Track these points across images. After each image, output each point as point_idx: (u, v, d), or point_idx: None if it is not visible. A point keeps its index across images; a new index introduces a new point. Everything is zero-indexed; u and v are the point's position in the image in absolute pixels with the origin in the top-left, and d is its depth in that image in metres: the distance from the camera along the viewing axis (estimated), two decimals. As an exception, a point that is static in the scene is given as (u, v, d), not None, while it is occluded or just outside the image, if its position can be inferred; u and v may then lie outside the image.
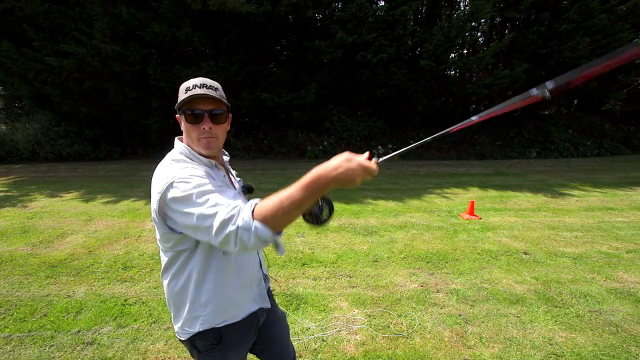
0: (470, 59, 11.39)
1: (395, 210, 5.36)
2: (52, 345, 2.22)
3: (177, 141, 1.12)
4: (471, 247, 3.88)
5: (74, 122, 10.73)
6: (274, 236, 0.86)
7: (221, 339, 1.10)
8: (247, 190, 1.24)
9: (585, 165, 10.14)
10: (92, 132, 10.77)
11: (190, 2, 8.43)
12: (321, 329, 2.40)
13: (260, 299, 1.22)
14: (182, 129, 1.09)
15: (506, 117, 13.02)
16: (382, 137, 11.67)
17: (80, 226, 4.54)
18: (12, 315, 2.54)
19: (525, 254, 3.71)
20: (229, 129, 1.17)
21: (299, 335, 2.33)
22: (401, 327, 2.43)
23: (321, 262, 3.45)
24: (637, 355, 2.15)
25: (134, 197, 6.06)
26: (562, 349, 2.21)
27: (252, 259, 1.19)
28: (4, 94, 12.99)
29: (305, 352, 2.17)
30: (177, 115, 1.08)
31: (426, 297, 2.82)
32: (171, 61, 9.85)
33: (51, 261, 3.45)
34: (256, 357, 1.37)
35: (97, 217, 4.93)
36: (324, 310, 2.64)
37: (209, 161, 1.08)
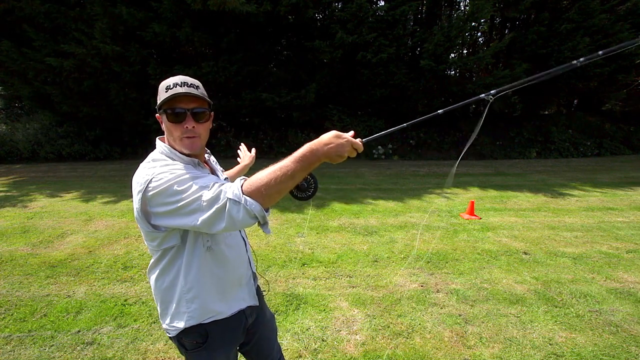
0: (470, 59, 11.41)
1: (395, 210, 5.36)
2: (52, 345, 2.22)
3: (158, 141, 1.12)
4: (471, 247, 3.88)
5: (74, 122, 10.74)
6: (263, 211, 0.84)
7: (207, 337, 1.09)
8: None
9: (585, 165, 10.14)
10: (92, 132, 10.77)
11: (190, 2, 8.43)
12: (321, 329, 2.40)
13: (249, 297, 1.21)
14: (164, 128, 1.06)
15: (506, 117, 13.03)
16: (382, 137, 11.67)
17: (80, 226, 4.54)
18: (12, 315, 2.54)
19: (525, 254, 3.71)
20: (211, 127, 1.15)
21: (299, 335, 2.33)
22: (401, 327, 2.43)
23: (321, 262, 3.45)
24: (637, 355, 2.15)
25: (134, 197, 6.05)
26: (562, 349, 2.21)
27: (240, 256, 1.17)
28: (4, 94, 12.99)
29: (305, 352, 2.18)
30: (158, 114, 1.06)
31: (426, 297, 2.82)
32: (171, 61, 9.86)
33: (51, 261, 3.45)
34: (243, 356, 1.36)
35: (97, 217, 4.93)
36: (324, 310, 2.64)
37: (191, 160, 1.06)
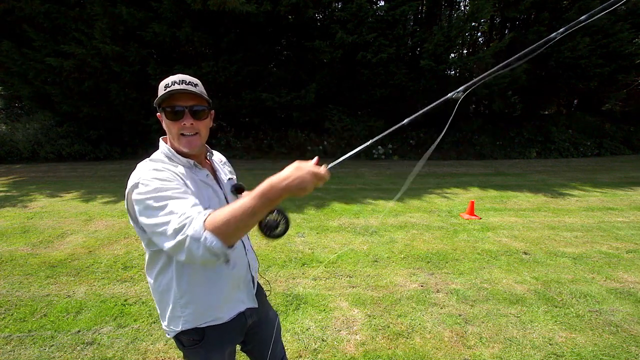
0: (470, 59, 11.41)
1: (395, 210, 5.36)
2: (52, 345, 2.22)
3: (161, 141, 1.12)
4: (471, 247, 3.88)
5: (74, 122, 10.74)
6: (224, 248, 0.80)
7: (204, 337, 1.10)
8: (237, 189, 1.19)
9: (585, 165, 10.14)
10: (92, 132, 10.77)
11: (190, 2, 8.43)
12: (321, 329, 2.40)
13: (248, 299, 1.20)
14: (164, 127, 1.06)
15: (506, 117, 13.03)
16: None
17: (80, 226, 4.54)
18: (12, 315, 2.54)
19: (525, 254, 3.71)
20: (211, 125, 1.15)
21: (299, 335, 2.33)
22: (401, 327, 2.43)
23: (321, 262, 3.45)
24: (637, 355, 2.15)
25: (134, 197, 6.05)
26: (562, 349, 2.21)
27: (240, 260, 1.16)
28: (4, 94, 12.99)
29: (305, 352, 2.17)
30: (158, 113, 1.06)
31: (426, 297, 2.82)
32: (171, 61, 9.86)
33: (51, 261, 3.45)
34: (246, 355, 1.37)
35: (97, 217, 4.93)
36: (324, 310, 2.64)
37: (187, 161, 1.06)
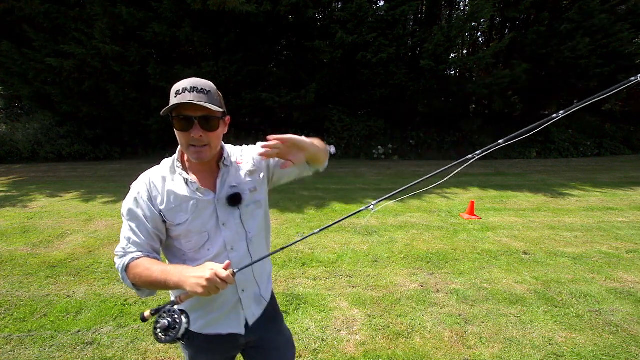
0: (470, 59, 11.40)
1: (395, 210, 5.36)
2: (52, 345, 2.22)
3: (179, 148, 1.10)
4: (471, 247, 3.88)
5: (74, 122, 10.73)
6: (135, 288, 1.01)
7: (192, 339, 1.07)
8: (230, 200, 1.08)
9: (585, 165, 10.14)
10: (92, 132, 10.76)
11: (190, 2, 8.43)
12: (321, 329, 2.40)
13: (233, 324, 1.13)
14: (176, 134, 1.02)
15: (506, 117, 13.02)
16: (382, 137, 11.67)
17: (80, 226, 4.54)
18: (12, 315, 2.54)
19: (525, 254, 3.71)
20: (226, 131, 1.10)
21: (299, 335, 2.33)
22: (401, 327, 2.43)
23: (321, 262, 3.45)
24: (637, 355, 2.15)
25: (134, 197, 6.05)
26: (562, 349, 2.21)
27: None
28: (4, 94, 12.98)
29: (305, 352, 2.18)
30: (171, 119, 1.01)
31: (426, 297, 2.82)
32: (171, 61, 9.85)
33: (51, 261, 3.45)
34: None
35: (97, 217, 4.93)
36: (324, 310, 2.64)
37: (185, 178, 1.05)
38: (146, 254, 1.01)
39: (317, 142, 1.15)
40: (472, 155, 0.99)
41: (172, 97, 0.98)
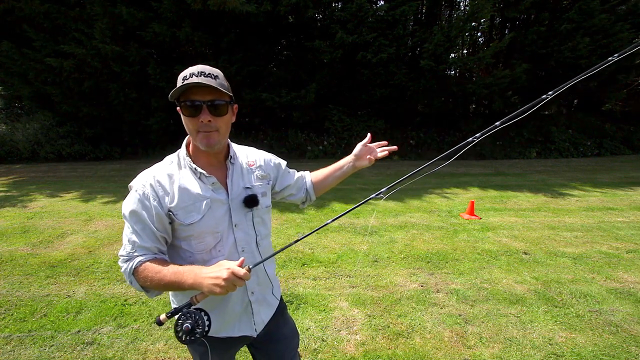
0: (470, 59, 11.40)
1: (395, 210, 5.36)
2: (52, 345, 2.22)
3: (184, 141, 1.08)
4: (471, 247, 3.88)
5: (74, 122, 10.73)
6: (143, 290, 0.98)
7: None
8: (247, 202, 1.08)
9: (585, 165, 10.13)
10: (92, 132, 10.77)
11: (190, 2, 8.42)
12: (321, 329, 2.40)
13: (245, 327, 1.14)
14: (183, 122, 1.00)
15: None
16: (382, 137, 11.60)
17: (80, 226, 4.54)
18: (12, 315, 2.54)
19: (525, 254, 3.71)
20: (234, 120, 1.07)
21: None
22: (401, 327, 2.42)
23: (321, 262, 3.45)
24: (637, 355, 2.15)
25: (134, 197, 6.05)
26: (562, 349, 2.21)
27: (235, 293, 1.06)
28: (4, 94, 12.96)
29: (305, 352, 2.17)
30: (178, 107, 0.99)
31: (426, 297, 2.82)
32: (171, 61, 9.85)
33: (51, 261, 3.45)
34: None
35: (97, 217, 4.93)
36: (324, 310, 2.64)
37: (195, 169, 1.02)
38: (153, 256, 0.98)
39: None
40: (472, 138, 1.01)
41: (179, 83, 0.95)
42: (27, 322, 2.45)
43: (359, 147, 1.32)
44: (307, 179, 1.38)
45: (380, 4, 11.17)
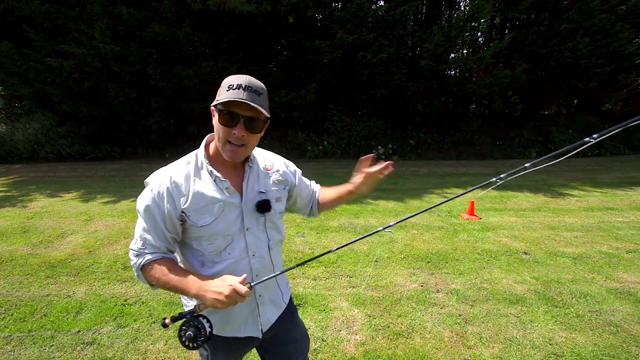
0: (470, 59, 11.40)
1: (395, 210, 5.36)
2: (52, 345, 2.22)
3: (204, 140, 1.09)
4: (471, 247, 3.88)
5: (74, 122, 10.73)
6: (148, 284, 1.02)
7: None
8: (259, 207, 1.07)
9: (585, 165, 10.14)
10: (92, 132, 10.77)
11: (190, 2, 8.43)
12: (321, 329, 2.40)
13: (250, 329, 1.14)
14: (214, 124, 1.00)
15: (506, 117, 13.03)
16: (382, 137, 11.68)
17: (80, 226, 4.54)
18: (12, 315, 2.54)
19: (525, 254, 3.71)
20: (262, 134, 1.08)
21: (299, 335, 2.33)
22: (401, 327, 2.42)
23: (321, 262, 3.45)
24: (637, 355, 2.15)
25: (134, 197, 6.06)
26: (562, 349, 2.21)
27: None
28: (4, 94, 12.97)
29: (305, 352, 2.17)
30: (212, 107, 1.00)
31: (426, 297, 2.82)
32: (171, 61, 9.85)
33: (51, 261, 3.45)
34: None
35: (97, 217, 4.93)
36: (324, 310, 2.64)
37: (211, 172, 1.03)
38: (162, 256, 1.01)
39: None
40: (588, 138, 0.85)
41: (223, 90, 0.96)
42: (27, 322, 2.45)
43: (357, 177, 1.25)
44: (316, 196, 1.36)
45: (380, 4, 11.18)
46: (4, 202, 5.75)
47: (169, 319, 0.96)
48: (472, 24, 10.93)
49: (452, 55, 11.93)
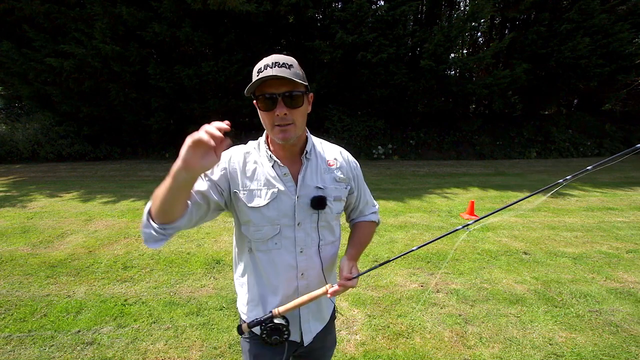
0: (470, 59, 11.39)
1: (395, 210, 5.36)
2: (52, 345, 2.22)
3: (265, 132, 1.08)
4: (471, 247, 3.88)
5: (74, 122, 10.73)
6: (151, 223, 0.83)
7: (252, 336, 1.11)
8: (314, 203, 1.01)
9: (585, 165, 10.06)
10: (92, 132, 10.77)
11: (190, 1, 8.42)
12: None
13: (294, 334, 1.07)
14: (260, 117, 0.99)
15: (506, 117, 13.03)
16: (382, 137, 11.68)
17: (80, 226, 4.54)
18: (12, 315, 2.54)
19: (525, 254, 3.71)
20: (309, 110, 1.02)
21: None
22: (401, 327, 2.42)
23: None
24: (637, 355, 2.15)
25: (133, 197, 6.06)
26: (562, 349, 2.21)
27: (279, 274, 1.04)
28: (4, 94, 12.98)
29: (305, 352, 2.17)
30: (254, 101, 0.97)
31: (426, 297, 2.82)
32: (171, 61, 9.85)
33: (51, 261, 3.45)
34: None
35: (97, 217, 4.93)
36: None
37: (270, 156, 1.02)
38: None
39: (364, 242, 1.23)
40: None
41: (254, 76, 0.93)
42: (27, 322, 2.45)
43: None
44: (358, 217, 1.25)
45: (380, 4, 11.17)
46: (4, 202, 5.75)
47: (245, 324, 0.98)
48: (472, 24, 10.91)
49: (452, 55, 11.92)
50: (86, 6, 9.04)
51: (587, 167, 0.94)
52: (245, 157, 1.03)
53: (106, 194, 6.24)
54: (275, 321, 0.98)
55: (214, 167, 0.84)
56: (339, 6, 10.86)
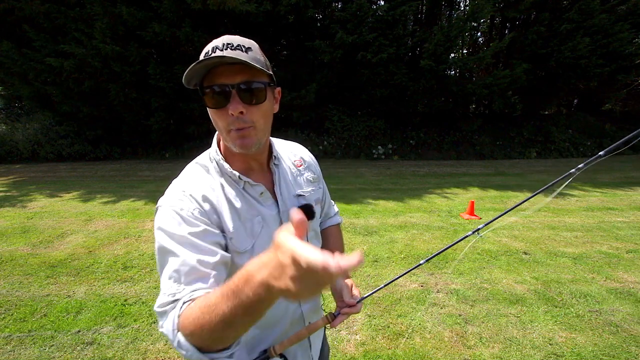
0: (470, 59, 11.40)
1: (395, 210, 5.36)
2: (52, 345, 2.22)
3: (215, 137, 0.82)
4: (471, 247, 3.88)
5: (74, 122, 10.73)
6: (205, 355, 0.55)
7: None
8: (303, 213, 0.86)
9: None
10: (92, 132, 10.77)
11: (190, 1, 8.43)
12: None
13: (300, 356, 0.91)
14: (210, 117, 0.75)
15: (506, 117, 13.03)
16: (382, 137, 11.68)
17: (80, 226, 4.54)
18: (12, 315, 2.54)
19: (525, 254, 3.71)
20: (276, 110, 0.79)
21: (299, 335, 2.33)
22: (401, 327, 2.42)
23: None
24: (637, 355, 2.15)
25: (134, 197, 6.06)
26: (562, 349, 2.21)
27: (277, 309, 0.83)
28: (4, 94, 12.98)
29: (305, 352, 2.17)
30: (202, 96, 0.72)
31: (426, 297, 2.82)
32: (171, 61, 9.85)
33: (51, 261, 3.45)
34: None
35: (97, 217, 4.93)
36: (324, 310, 2.63)
37: (232, 173, 0.77)
38: (206, 290, 0.62)
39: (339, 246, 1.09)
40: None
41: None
42: (27, 322, 2.45)
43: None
44: (330, 223, 1.13)
45: (380, 4, 11.17)
46: (4, 202, 5.75)
47: None
48: (472, 24, 10.92)
49: (452, 55, 11.93)
50: (86, 6, 9.04)
51: (599, 152, 0.93)
52: (213, 191, 0.75)
53: (106, 194, 6.24)
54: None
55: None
56: (339, 6, 10.87)
